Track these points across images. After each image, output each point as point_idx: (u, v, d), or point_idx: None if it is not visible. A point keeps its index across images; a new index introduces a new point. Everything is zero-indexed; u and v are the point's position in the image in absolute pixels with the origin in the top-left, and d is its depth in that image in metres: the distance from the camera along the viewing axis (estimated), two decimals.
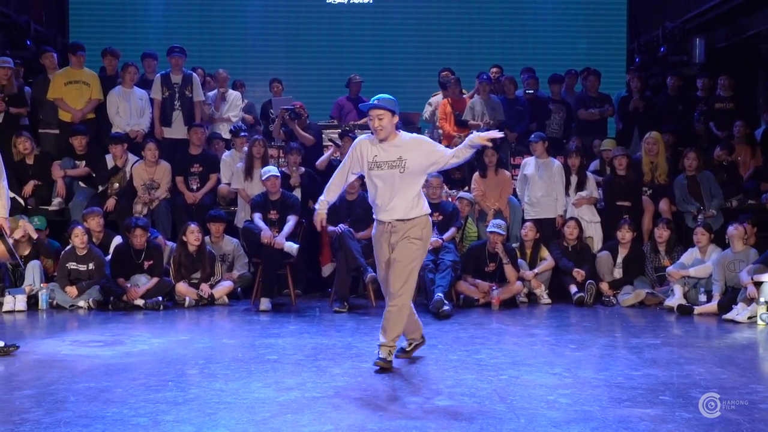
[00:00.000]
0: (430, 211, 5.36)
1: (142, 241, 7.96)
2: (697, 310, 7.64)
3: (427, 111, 11.12)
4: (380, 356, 5.17)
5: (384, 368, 5.13)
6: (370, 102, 5.30)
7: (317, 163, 9.36)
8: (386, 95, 5.31)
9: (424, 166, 5.23)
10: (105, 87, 9.81)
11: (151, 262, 7.99)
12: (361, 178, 8.47)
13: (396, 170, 5.16)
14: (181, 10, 13.91)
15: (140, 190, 8.85)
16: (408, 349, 5.57)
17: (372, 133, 5.27)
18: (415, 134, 5.53)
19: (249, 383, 4.84)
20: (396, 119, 5.24)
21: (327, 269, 8.70)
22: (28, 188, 8.97)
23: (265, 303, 7.70)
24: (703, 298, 7.81)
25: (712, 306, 7.60)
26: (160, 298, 7.74)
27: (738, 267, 7.60)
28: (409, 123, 11.00)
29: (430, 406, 4.40)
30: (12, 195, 8.63)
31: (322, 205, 5.49)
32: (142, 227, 8.00)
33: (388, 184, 5.19)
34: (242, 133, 9.40)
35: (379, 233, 5.32)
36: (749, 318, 7.15)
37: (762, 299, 7.11)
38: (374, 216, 5.39)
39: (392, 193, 5.19)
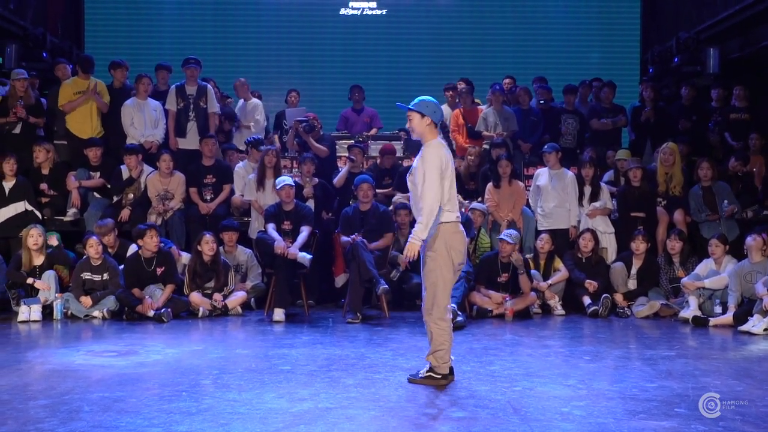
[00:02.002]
0: (448, 219, 5.13)
1: (155, 242, 7.97)
2: (713, 321, 7.59)
3: None
4: (423, 372, 5.16)
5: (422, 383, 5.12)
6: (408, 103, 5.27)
7: (335, 180, 9.39)
8: (424, 97, 5.25)
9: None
10: (114, 99, 9.85)
11: (164, 268, 8.01)
12: (375, 187, 8.61)
13: (413, 176, 5.16)
14: (195, 22, 14.00)
15: (155, 201, 8.89)
16: (421, 376, 5.23)
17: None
18: (433, 142, 5.24)
19: (262, 394, 4.85)
20: (427, 121, 5.16)
21: (340, 280, 8.70)
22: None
23: (278, 313, 7.70)
24: (718, 309, 7.77)
25: (728, 318, 7.55)
26: (167, 310, 7.71)
27: (755, 278, 7.54)
28: None
29: (443, 417, 4.40)
30: (30, 208, 8.75)
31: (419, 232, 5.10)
32: (154, 227, 8.03)
33: (412, 192, 5.19)
34: (261, 147, 9.32)
35: None
36: (765, 330, 7.11)
37: None
38: None
39: (414, 200, 5.19)
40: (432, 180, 5.02)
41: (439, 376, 5.13)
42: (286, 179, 8.30)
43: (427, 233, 5.05)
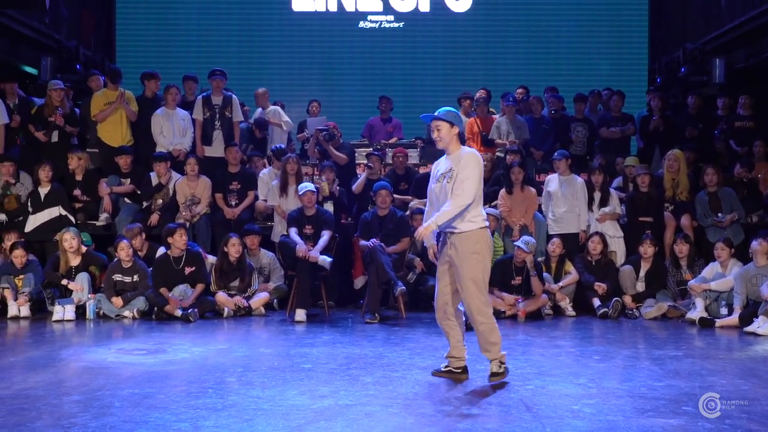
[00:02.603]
0: (485, 224, 5.11)
1: (183, 241, 8.02)
2: (719, 323, 7.54)
3: None
4: (491, 371, 5.10)
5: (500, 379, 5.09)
6: (433, 114, 5.20)
7: (353, 187, 9.42)
8: (449, 108, 5.23)
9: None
10: (146, 109, 9.92)
11: (193, 268, 8.05)
12: (392, 193, 8.61)
13: (448, 182, 5.05)
14: (221, 35, 14.07)
15: (182, 207, 8.93)
16: (443, 370, 5.29)
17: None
18: (473, 151, 5.24)
19: (285, 391, 4.85)
20: (455, 130, 5.11)
21: (359, 282, 8.72)
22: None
23: (300, 314, 7.71)
24: (724, 311, 7.71)
25: (734, 319, 7.49)
26: (194, 310, 7.74)
27: (760, 281, 7.48)
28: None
29: (458, 414, 4.39)
30: (64, 213, 8.82)
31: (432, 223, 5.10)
32: (183, 227, 8.08)
33: (441, 197, 5.09)
34: (283, 157, 9.31)
35: (440, 244, 5.20)
36: None
37: None
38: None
39: (438, 205, 5.09)
40: (475, 182, 4.99)
41: (503, 369, 5.12)
42: (308, 185, 8.32)
43: (443, 225, 5.01)
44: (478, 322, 5.08)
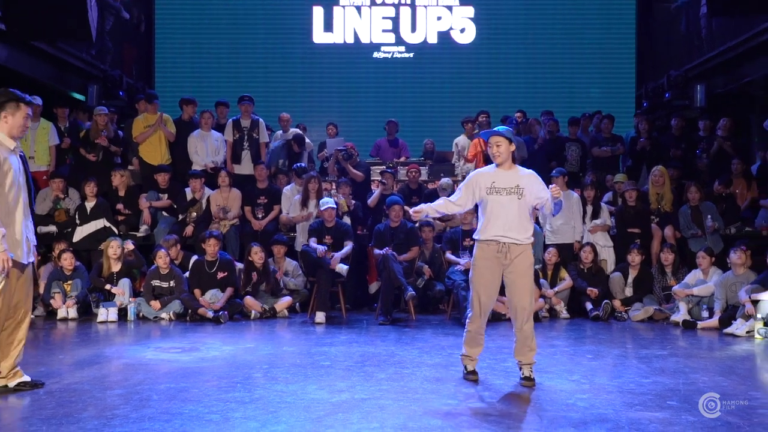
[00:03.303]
0: (533, 239, 5.06)
1: (216, 250, 8.05)
2: (701, 325, 7.49)
3: (454, 150, 11.14)
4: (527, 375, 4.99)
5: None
6: (492, 130, 5.12)
7: (369, 201, 9.43)
8: (507, 127, 5.14)
9: (532, 199, 4.97)
10: (183, 131, 9.98)
11: (225, 274, 8.08)
12: (404, 207, 8.60)
13: (515, 196, 4.93)
14: (249, 64, 14.17)
15: (215, 211, 9.00)
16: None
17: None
18: (531, 170, 5.16)
19: (306, 386, 4.85)
20: (513, 147, 5.02)
21: (373, 287, 8.71)
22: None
23: (319, 316, 7.72)
24: (705, 314, 7.66)
25: (714, 321, 7.45)
26: (224, 312, 7.77)
27: (738, 287, 7.43)
28: (445, 160, 11.04)
29: (463, 407, 4.37)
30: (108, 225, 8.88)
31: (426, 208, 5.15)
32: (215, 237, 8.11)
33: (507, 209, 4.93)
34: (304, 175, 9.28)
35: (489, 254, 4.97)
36: (747, 332, 7.01)
37: (759, 315, 6.97)
38: (477, 237, 5.06)
39: (507, 217, 4.92)
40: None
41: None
42: (329, 201, 8.36)
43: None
44: (530, 324, 5.04)
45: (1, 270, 4.39)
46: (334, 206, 8.33)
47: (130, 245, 8.33)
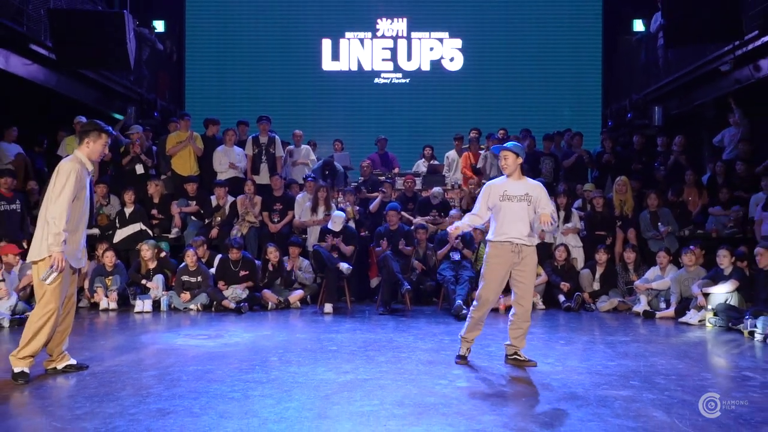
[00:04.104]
0: (537, 241, 5.03)
1: (237, 256, 8.06)
2: (659, 315, 7.49)
3: (445, 162, 11.14)
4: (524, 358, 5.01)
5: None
6: (501, 146, 5.06)
7: (371, 207, 9.43)
8: (516, 143, 5.10)
9: (538, 207, 4.90)
10: (209, 146, 9.99)
11: (247, 272, 8.07)
12: (401, 212, 8.60)
13: (525, 203, 4.89)
14: (267, 88, 14.22)
15: (240, 208, 9.03)
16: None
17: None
18: (538, 181, 5.14)
19: (315, 368, 4.85)
20: (520, 160, 4.95)
21: (374, 282, 8.71)
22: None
23: (328, 307, 7.71)
24: (663, 305, 7.66)
25: (671, 312, 7.44)
26: (245, 304, 7.76)
27: (691, 282, 7.44)
28: (436, 172, 11.03)
29: (453, 387, 4.37)
30: (144, 228, 8.87)
31: (461, 225, 5.03)
32: (236, 247, 8.11)
33: (518, 214, 4.88)
34: (309, 178, 9.39)
35: (503, 253, 4.91)
36: (699, 321, 7.02)
37: (709, 306, 6.98)
38: (490, 238, 4.97)
39: (519, 221, 4.88)
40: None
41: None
42: (340, 213, 8.39)
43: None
44: (528, 318, 5.03)
45: (56, 268, 4.40)
46: (344, 216, 8.41)
47: (162, 252, 8.34)
